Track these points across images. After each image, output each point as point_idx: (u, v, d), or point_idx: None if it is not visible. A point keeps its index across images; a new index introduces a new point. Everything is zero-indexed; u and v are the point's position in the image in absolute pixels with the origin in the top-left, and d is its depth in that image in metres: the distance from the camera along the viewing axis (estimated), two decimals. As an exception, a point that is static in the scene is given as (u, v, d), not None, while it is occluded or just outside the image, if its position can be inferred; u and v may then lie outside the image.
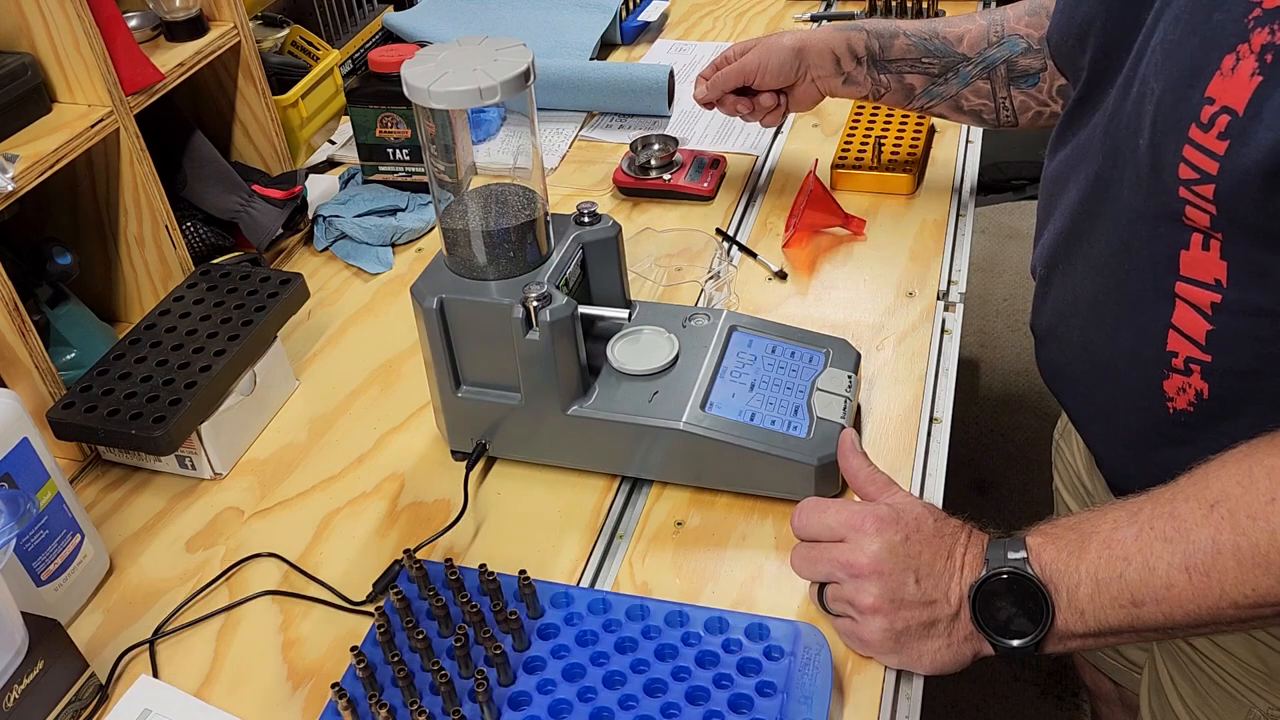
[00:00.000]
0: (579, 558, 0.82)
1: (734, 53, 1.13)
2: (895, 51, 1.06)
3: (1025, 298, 2.54)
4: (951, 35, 1.05)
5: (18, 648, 0.68)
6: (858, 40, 1.07)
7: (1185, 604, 0.61)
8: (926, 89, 1.07)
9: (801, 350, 0.89)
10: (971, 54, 1.04)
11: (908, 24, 1.08)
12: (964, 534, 0.70)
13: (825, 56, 1.08)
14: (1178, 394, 0.70)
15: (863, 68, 1.08)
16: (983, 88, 1.05)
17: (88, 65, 0.93)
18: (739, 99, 1.13)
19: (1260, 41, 0.57)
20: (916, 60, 1.06)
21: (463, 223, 0.82)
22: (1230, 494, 0.60)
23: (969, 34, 1.05)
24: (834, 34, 1.08)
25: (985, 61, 1.03)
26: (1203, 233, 0.64)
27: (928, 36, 1.06)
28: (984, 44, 1.04)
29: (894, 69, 1.07)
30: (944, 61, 1.05)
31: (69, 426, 0.87)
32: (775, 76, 1.10)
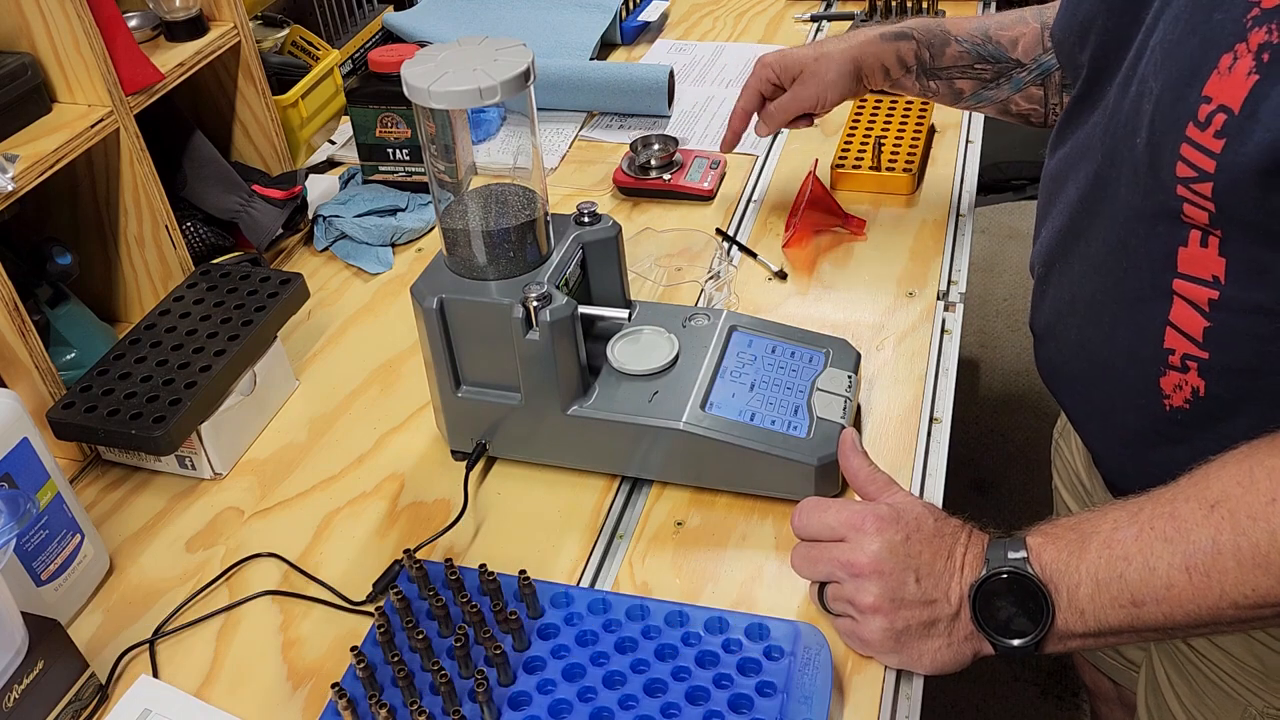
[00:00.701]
0: (579, 558, 0.82)
1: (776, 70, 1.08)
2: (947, 59, 1.04)
3: (1025, 298, 2.53)
4: (1006, 39, 1.03)
5: (18, 648, 0.68)
6: (908, 50, 1.05)
7: (1185, 604, 0.61)
8: (976, 92, 1.05)
9: (801, 350, 0.89)
10: (1026, 59, 1.02)
11: (958, 27, 1.05)
12: (964, 534, 0.70)
13: (877, 70, 1.06)
14: (1174, 391, 0.70)
15: (911, 75, 1.06)
16: (1035, 94, 1.03)
17: (88, 65, 0.93)
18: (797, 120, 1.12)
19: (1258, 40, 0.57)
20: (969, 67, 1.04)
21: (463, 223, 0.82)
22: (1231, 494, 0.60)
23: (1024, 38, 1.02)
24: (884, 46, 1.05)
25: (1041, 68, 1.01)
26: (1201, 230, 0.64)
27: (980, 41, 1.03)
28: (1039, 49, 1.01)
29: (944, 75, 1.05)
30: (997, 67, 1.03)
31: (69, 426, 0.87)
32: (836, 102, 1.08)
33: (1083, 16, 0.75)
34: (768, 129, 1.12)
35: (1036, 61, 1.01)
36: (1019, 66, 1.02)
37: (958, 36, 1.04)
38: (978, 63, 1.03)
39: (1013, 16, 1.04)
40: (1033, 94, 1.03)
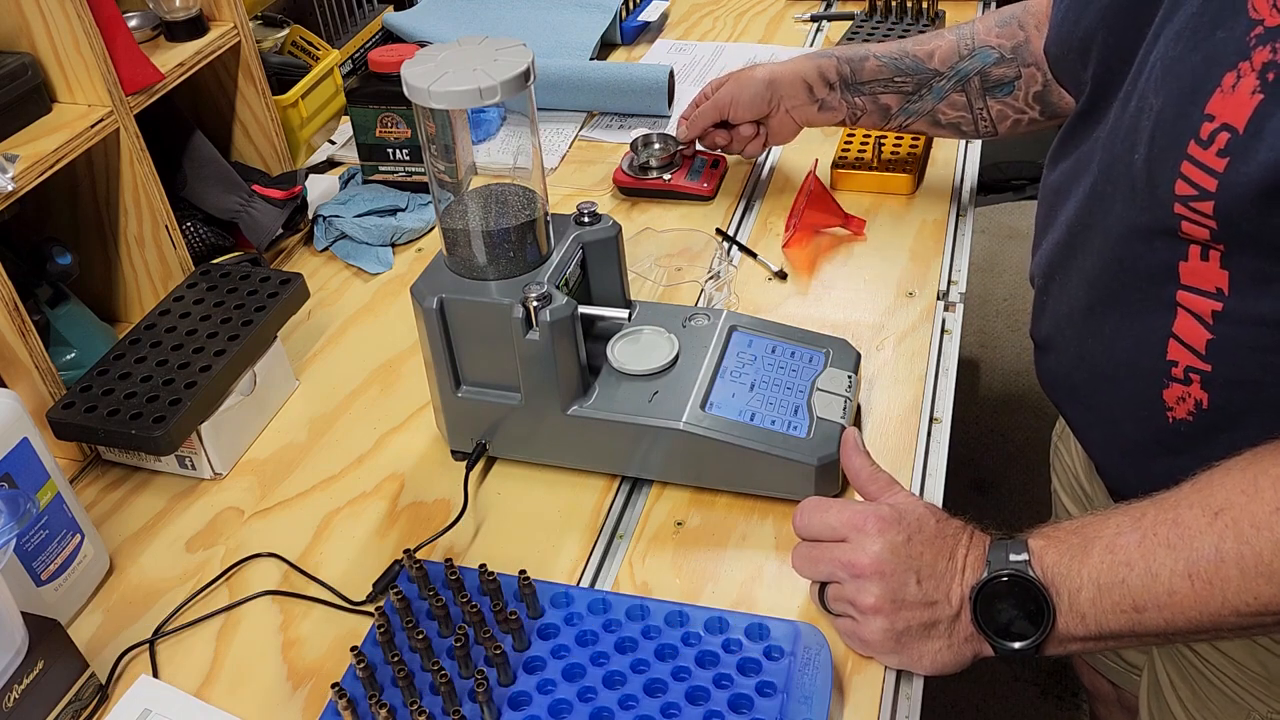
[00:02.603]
0: (579, 558, 0.82)
1: (710, 89, 1.16)
2: (867, 73, 1.07)
3: (1025, 298, 2.53)
4: (922, 53, 1.06)
5: (18, 648, 0.68)
6: (828, 66, 1.09)
7: (1187, 611, 0.61)
8: (903, 107, 1.08)
9: (801, 350, 0.89)
10: (943, 68, 1.05)
11: (877, 47, 1.08)
12: (966, 535, 0.70)
13: (796, 85, 1.10)
14: (1177, 403, 0.70)
15: (835, 93, 1.09)
16: (958, 100, 1.06)
17: (88, 65, 0.93)
18: (718, 131, 1.16)
19: (1262, 60, 0.57)
20: (889, 80, 1.07)
21: (463, 223, 0.82)
22: (1234, 502, 0.60)
23: (939, 50, 1.05)
24: (804, 62, 1.10)
25: (958, 74, 1.04)
26: (1201, 245, 0.64)
27: (898, 56, 1.07)
28: (955, 58, 1.04)
29: (867, 90, 1.08)
30: (917, 78, 1.06)
31: (69, 426, 0.87)
32: (748, 108, 1.12)
33: (1083, 32, 0.75)
34: (687, 132, 1.19)
35: (953, 69, 1.04)
36: (937, 76, 1.05)
37: (876, 53, 1.08)
38: (896, 75, 1.07)
39: (930, 34, 1.09)
40: (956, 101, 1.06)
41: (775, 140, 1.17)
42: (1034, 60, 1.00)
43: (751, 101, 1.11)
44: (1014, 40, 1.02)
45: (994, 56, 1.02)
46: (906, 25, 1.49)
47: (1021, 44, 1.01)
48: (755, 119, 1.14)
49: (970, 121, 1.07)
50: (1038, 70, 1.00)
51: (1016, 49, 1.01)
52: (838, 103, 1.09)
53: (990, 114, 1.05)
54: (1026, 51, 1.01)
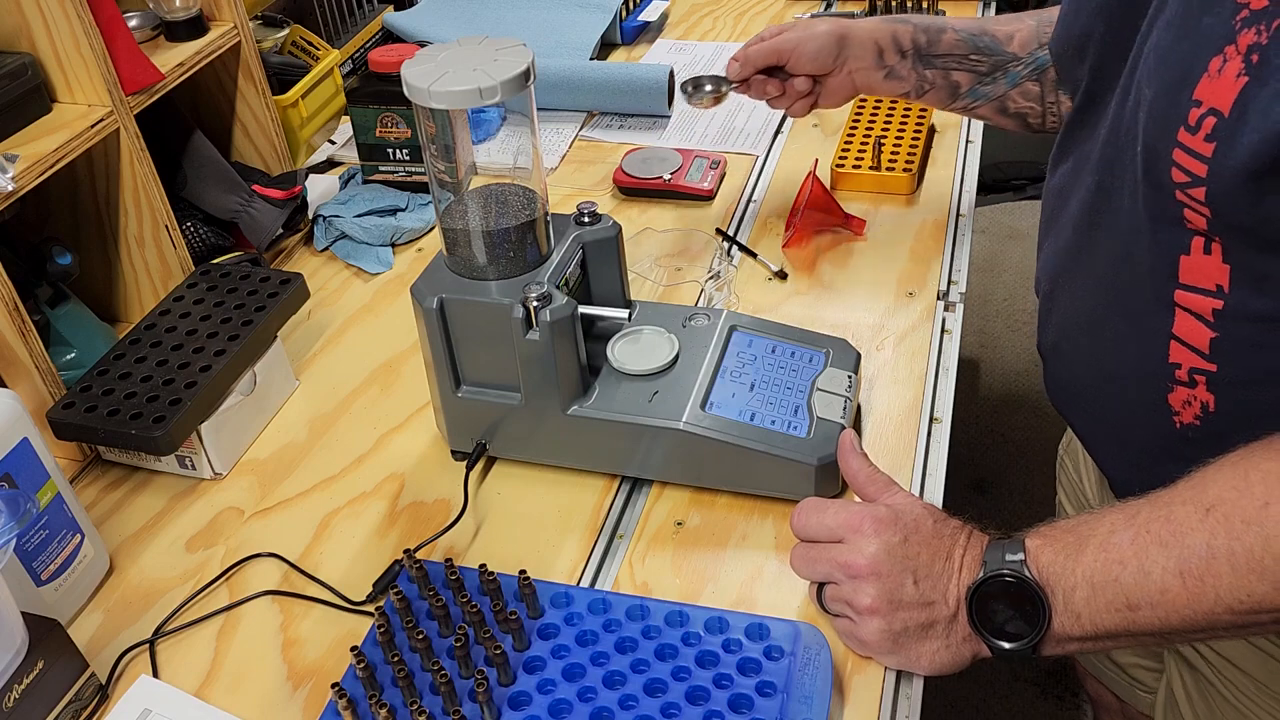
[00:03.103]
0: (579, 558, 0.82)
1: (769, 32, 1.05)
2: (943, 46, 1.00)
3: (1025, 298, 2.54)
4: (1001, 33, 0.99)
5: (18, 648, 0.68)
6: (904, 32, 1.00)
7: (1180, 609, 0.61)
8: (972, 88, 1.00)
9: (801, 350, 0.89)
10: (1022, 53, 0.98)
11: (955, 20, 1.02)
12: (964, 535, 0.70)
13: (867, 47, 1.00)
14: (1183, 407, 0.69)
15: (907, 61, 1.01)
16: (1031, 90, 0.99)
17: (88, 65, 0.93)
18: (769, 79, 1.04)
19: (1247, 42, 0.57)
20: (964, 56, 0.99)
21: (463, 223, 0.83)
22: (1226, 498, 0.60)
23: (1019, 33, 0.99)
24: (879, 24, 1.01)
25: (1035, 63, 0.97)
26: (1203, 236, 0.64)
27: (977, 33, 1.00)
28: (1035, 44, 0.98)
29: (940, 64, 1.00)
30: (993, 60, 0.99)
31: (69, 426, 0.87)
32: (811, 60, 1.01)
33: (1080, 29, 0.74)
34: (740, 69, 1.04)
35: (1032, 56, 0.98)
36: (1015, 60, 0.99)
37: (954, 26, 1.01)
38: (973, 53, 0.99)
39: (1010, 15, 1.02)
40: (1029, 90, 0.99)
41: (827, 102, 1.05)
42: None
43: (817, 54, 1.00)
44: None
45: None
46: (906, 25, 1.49)
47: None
48: (816, 73, 1.02)
49: (1039, 114, 1.00)
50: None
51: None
52: (907, 72, 1.01)
53: (1060, 109, 0.99)
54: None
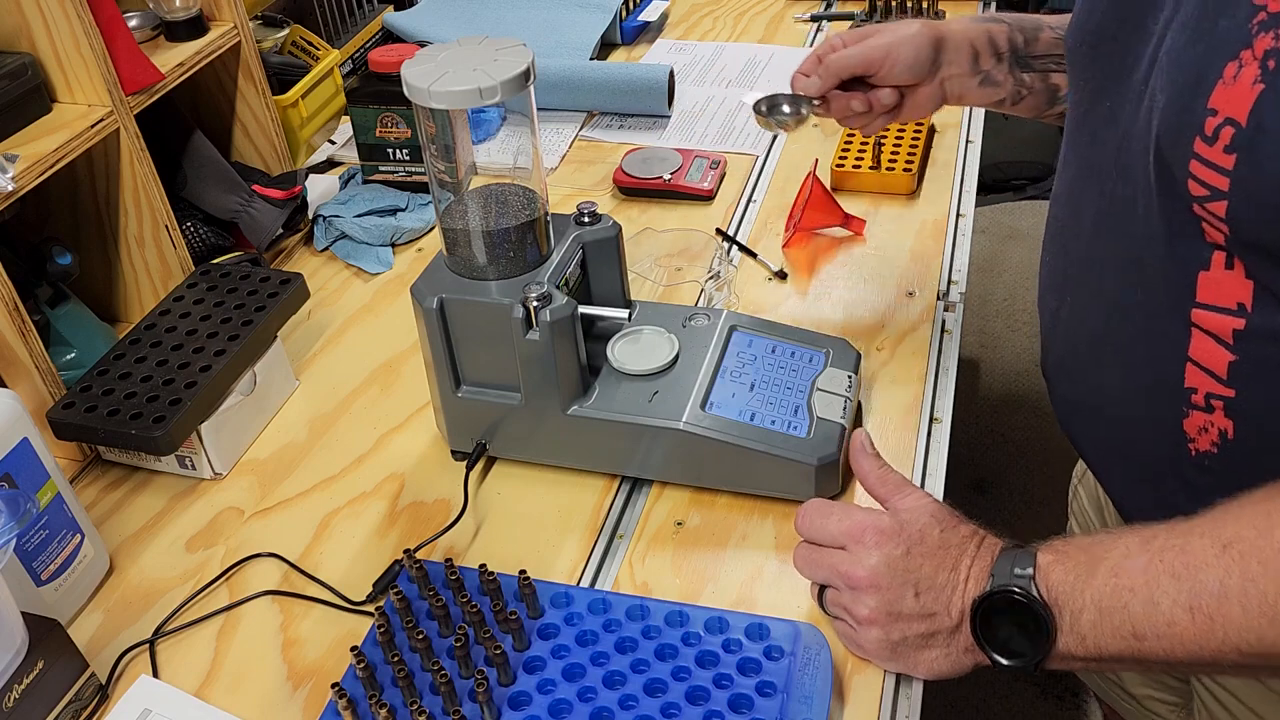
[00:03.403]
0: (579, 558, 0.82)
1: (844, 40, 0.90)
2: (1041, 45, 0.89)
3: (1025, 297, 2.54)
4: None
5: (18, 648, 0.68)
6: (999, 33, 0.89)
7: (1187, 643, 0.59)
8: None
9: (801, 350, 0.89)
10: None
11: (1048, 17, 0.91)
12: (973, 544, 0.68)
13: (962, 51, 0.89)
14: (1199, 434, 0.66)
15: (1003, 65, 0.89)
16: None
17: (88, 65, 0.93)
18: (853, 94, 0.89)
19: (1264, 47, 0.54)
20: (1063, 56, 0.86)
21: (463, 223, 0.82)
22: (1245, 536, 0.58)
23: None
24: (973, 25, 0.90)
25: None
26: (1224, 250, 0.60)
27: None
28: None
29: (1039, 65, 0.89)
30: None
31: (69, 426, 0.87)
32: (908, 69, 0.87)
33: (1094, 25, 0.71)
34: (820, 83, 0.88)
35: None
36: None
37: (1050, 24, 0.89)
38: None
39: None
40: None
41: (911, 115, 0.92)
42: None
43: (914, 61, 0.87)
44: None
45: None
46: (906, 25, 1.48)
47: None
48: (910, 84, 0.89)
49: None
50: None
51: None
52: (1003, 77, 0.89)
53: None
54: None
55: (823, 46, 0.90)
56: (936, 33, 0.88)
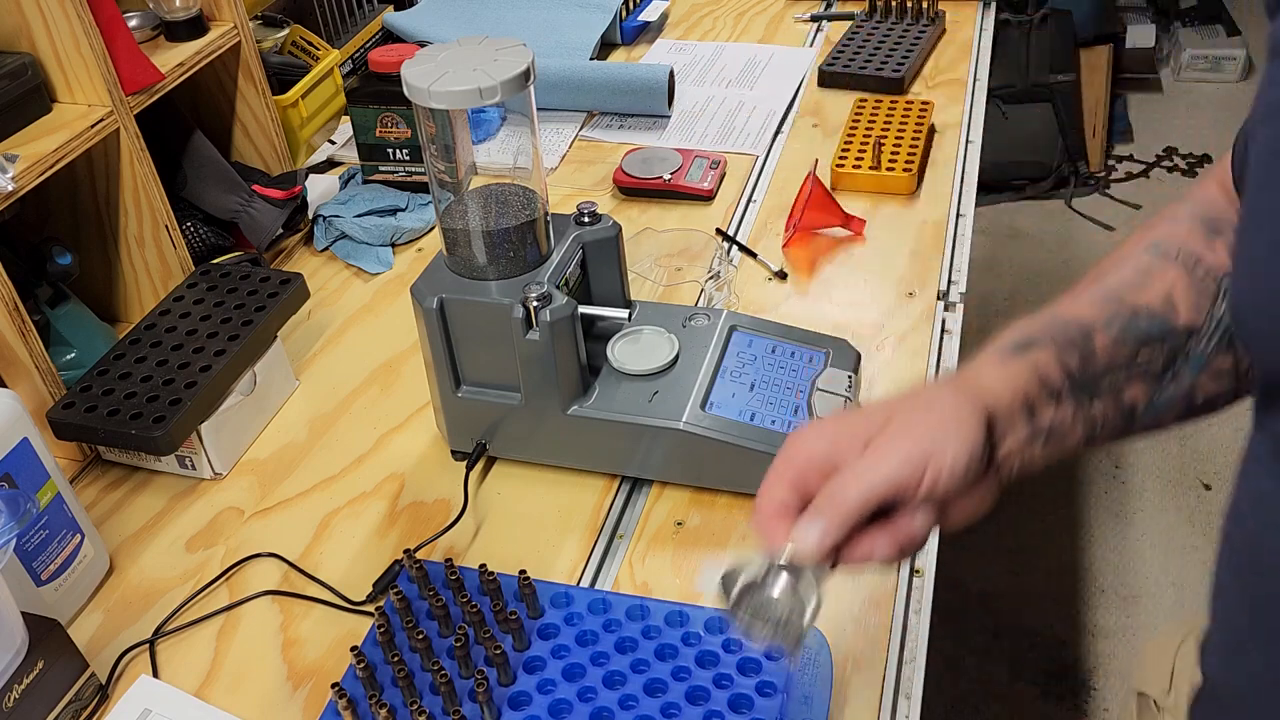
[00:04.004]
0: (579, 558, 0.82)
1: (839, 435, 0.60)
2: (1101, 359, 0.63)
3: (1025, 298, 2.54)
4: (1155, 299, 0.63)
5: (18, 648, 0.68)
6: (1046, 362, 0.62)
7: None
8: (1151, 401, 0.63)
9: (801, 350, 0.89)
10: (1198, 318, 0.62)
11: (1082, 309, 0.64)
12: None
13: (1015, 413, 0.61)
14: None
15: (1065, 406, 0.62)
16: (1224, 365, 0.62)
17: (88, 65, 0.93)
18: (872, 534, 0.57)
19: None
20: (1131, 360, 0.63)
21: (463, 223, 0.83)
22: None
23: (1177, 291, 0.63)
24: (1012, 369, 0.62)
25: (1222, 326, 0.62)
26: None
27: (1129, 317, 0.63)
28: (1206, 302, 0.62)
29: (1107, 386, 0.63)
30: (1168, 346, 0.63)
31: (69, 426, 0.87)
32: (958, 478, 0.58)
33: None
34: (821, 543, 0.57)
35: (1215, 319, 0.62)
36: (1192, 336, 0.62)
37: (1096, 323, 0.63)
38: (1140, 349, 0.63)
39: (1135, 263, 0.65)
40: (1221, 367, 0.63)
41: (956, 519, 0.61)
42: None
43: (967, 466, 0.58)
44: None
45: None
46: (906, 25, 1.49)
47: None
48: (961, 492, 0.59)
49: (1232, 392, 0.64)
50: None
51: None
52: (1069, 421, 0.62)
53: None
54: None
55: (794, 449, 0.60)
56: (981, 404, 0.60)
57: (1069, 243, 2.72)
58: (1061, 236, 2.74)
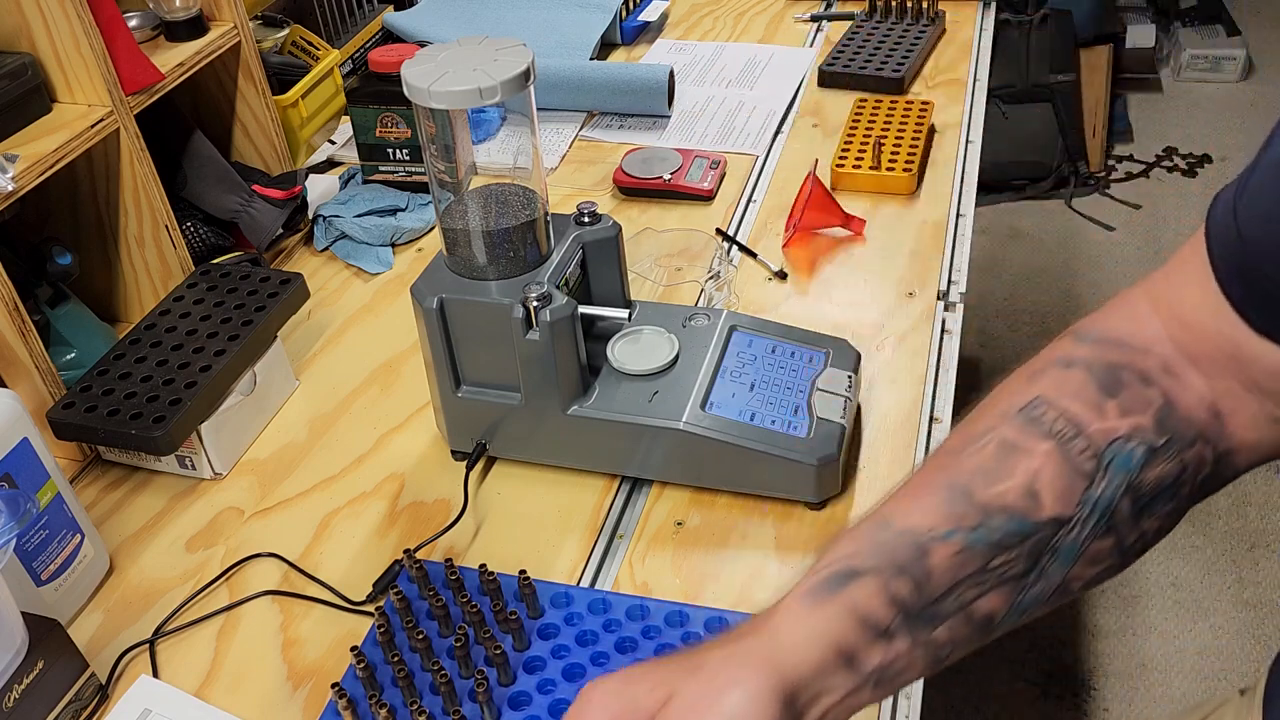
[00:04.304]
0: (579, 558, 0.82)
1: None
2: (942, 576, 0.53)
3: (1025, 298, 2.54)
4: (1013, 493, 0.54)
5: (18, 648, 0.68)
6: (869, 600, 0.52)
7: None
8: (1014, 604, 0.55)
9: (801, 350, 0.89)
10: (1067, 509, 0.54)
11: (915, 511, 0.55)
12: None
13: (828, 671, 0.52)
14: None
15: (898, 642, 0.53)
16: (1102, 549, 0.55)
17: (88, 65, 0.93)
18: None
19: None
20: (982, 570, 0.54)
21: (463, 223, 0.83)
22: None
23: (1042, 478, 0.54)
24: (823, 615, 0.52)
25: (1096, 510, 0.54)
26: None
27: (975, 519, 0.54)
28: (1082, 483, 0.54)
29: (952, 606, 0.54)
30: (1030, 545, 0.54)
31: (69, 426, 0.87)
32: None
33: None
34: None
35: (1089, 504, 0.54)
36: (1062, 527, 0.54)
37: (935, 532, 0.54)
38: (994, 557, 0.54)
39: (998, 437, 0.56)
40: (1098, 551, 0.55)
41: None
42: (1198, 424, 0.55)
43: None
44: (1152, 406, 0.55)
45: (1141, 453, 0.55)
46: (906, 25, 1.49)
47: (1168, 407, 0.55)
48: None
49: (1117, 566, 0.57)
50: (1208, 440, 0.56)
51: (1164, 421, 0.55)
52: (903, 660, 0.53)
53: (1147, 536, 0.57)
54: (1180, 417, 0.55)
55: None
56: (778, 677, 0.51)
57: (1069, 243, 2.72)
58: (1061, 236, 2.74)
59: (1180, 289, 0.56)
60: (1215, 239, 0.54)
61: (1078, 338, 0.59)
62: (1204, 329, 0.55)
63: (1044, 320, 2.48)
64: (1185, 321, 0.56)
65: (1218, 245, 0.53)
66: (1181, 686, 1.74)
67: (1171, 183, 2.90)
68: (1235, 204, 0.52)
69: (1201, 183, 2.88)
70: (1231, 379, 0.55)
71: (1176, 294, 0.57)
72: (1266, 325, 0.52)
